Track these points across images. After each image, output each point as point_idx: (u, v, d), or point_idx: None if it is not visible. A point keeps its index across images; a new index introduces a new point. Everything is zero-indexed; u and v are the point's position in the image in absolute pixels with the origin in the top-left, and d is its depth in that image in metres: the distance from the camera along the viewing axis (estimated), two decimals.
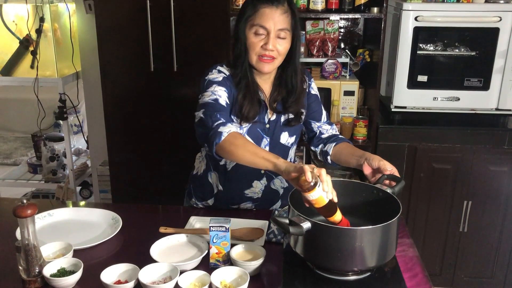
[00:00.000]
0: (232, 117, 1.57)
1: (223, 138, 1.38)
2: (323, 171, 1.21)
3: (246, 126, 1.59)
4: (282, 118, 1.66)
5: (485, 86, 2.56)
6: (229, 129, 1.40)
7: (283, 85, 1.64)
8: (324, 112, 1.77)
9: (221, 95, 1.53)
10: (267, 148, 1.64)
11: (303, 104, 1.69)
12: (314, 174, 1.19)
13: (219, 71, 1.60)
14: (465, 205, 2.56)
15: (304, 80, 1.69)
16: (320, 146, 1.73)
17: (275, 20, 1.50)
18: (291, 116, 1.66)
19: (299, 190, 1.22)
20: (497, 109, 2.60)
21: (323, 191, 1.20)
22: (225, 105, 1.52)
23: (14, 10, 2.93)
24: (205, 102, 1.52)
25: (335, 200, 1.24)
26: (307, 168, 1.19)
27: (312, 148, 1.76)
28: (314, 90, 1.75)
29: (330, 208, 1.24)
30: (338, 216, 1.27)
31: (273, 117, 1.65)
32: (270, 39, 1.51)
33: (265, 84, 1.65)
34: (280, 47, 1.54)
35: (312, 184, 1.18)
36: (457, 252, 2.65)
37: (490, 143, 2.48)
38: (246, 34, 1.54)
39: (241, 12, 1.56)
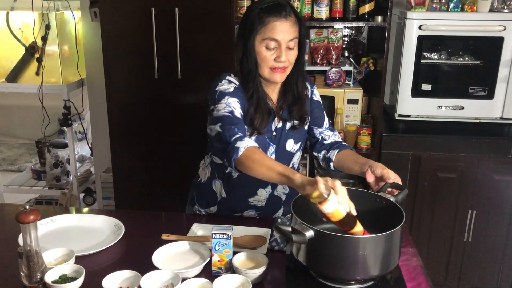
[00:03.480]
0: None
1: (240, 153, 1.38)
2: (338, 182, 1.20)
3: (254, 135, 1.59)
4: (288, 125, 1.66)
5: (490, 95, 2.55)
6: (246, 143, 1.40)
7: (289, 92, 1.64)
8: (326, 119, 1.77)
9: (235, 107, 1.52)
10: (273, 156, 1.64)
11: (307, 110, 1.69)
12: (327, 186, 1.18)
13: (229, 81, 1.58)
14: (470, 215, 2.55)
15: (306, 87, 1.69)
16: (322, 152, 1.73)
17: (286, 32, 1.50)
18: (295, 121, 1.66)
19: (314, 204, 1.19)
20: (501, 118, 2.59)
21: (338, 204, 1.18)
22: (240, 117, 1.51)
23: (21, 17, 2.96)
24: (221, 116, 1.50)
25: (354, 213, 1.22)
26: (320, 179, 1.18)
27: (314, 153, 1.76)
28: (317, 97, 1.76)
29: (348, 221, 1.21)
30: (358, 229, 1.23)
31: (280, 125, 1.65)
32: (282, 51, 1.51)
33: (273, 93, 1.65)
34: (291, 56, 1.54)
35: (325, 196, 1.16)
36: (462, 262, 2.63)
37: (494, 152, 2.47)
38: (256, 48, 1.53)
39: (249, 27, 1.53)
